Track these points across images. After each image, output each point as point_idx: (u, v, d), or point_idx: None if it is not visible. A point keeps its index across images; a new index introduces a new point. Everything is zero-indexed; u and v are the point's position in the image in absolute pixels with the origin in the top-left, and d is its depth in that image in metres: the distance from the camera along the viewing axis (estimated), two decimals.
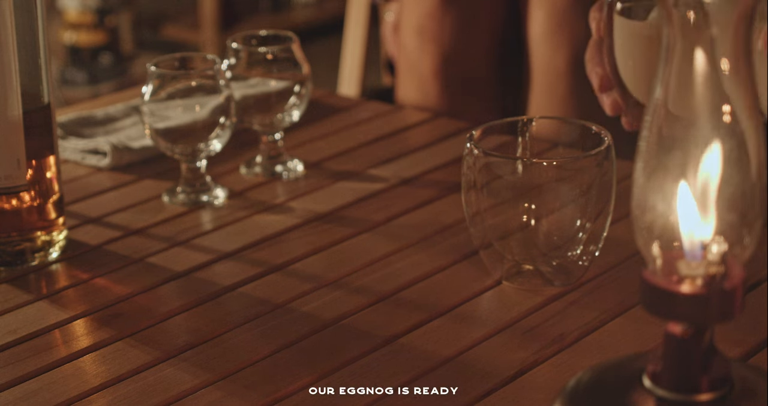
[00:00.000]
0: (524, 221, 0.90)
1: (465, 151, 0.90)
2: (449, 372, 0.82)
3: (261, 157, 1.18)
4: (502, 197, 0.90)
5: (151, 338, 0.88)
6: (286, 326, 0.89)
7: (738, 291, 0.64)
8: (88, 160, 1.20)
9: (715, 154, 0.64)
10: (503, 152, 0.91)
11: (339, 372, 0.83)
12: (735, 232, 0.65)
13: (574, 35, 1.37)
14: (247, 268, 0.98)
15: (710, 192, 0.64)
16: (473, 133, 0.91)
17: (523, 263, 0.93)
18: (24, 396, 0.81)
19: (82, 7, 3.40)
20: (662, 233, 0.65)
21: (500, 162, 0.89)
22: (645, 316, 0.85)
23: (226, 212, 1.09)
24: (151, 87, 1.07)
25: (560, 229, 0.91)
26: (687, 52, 0.63)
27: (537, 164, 0.89)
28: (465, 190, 0.91)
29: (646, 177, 0.65)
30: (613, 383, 0.70)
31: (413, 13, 1.48)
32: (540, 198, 0.89)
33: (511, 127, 0.95)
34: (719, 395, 0.67)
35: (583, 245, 0.91)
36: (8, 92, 0.94)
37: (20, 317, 0.91)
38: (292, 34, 1.17)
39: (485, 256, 0.93)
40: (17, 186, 0.97)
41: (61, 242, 1.01)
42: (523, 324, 0.88)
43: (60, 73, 3.44)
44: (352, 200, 1.11)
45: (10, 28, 0.93)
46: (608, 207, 0.91)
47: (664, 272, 0.65)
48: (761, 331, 0.86)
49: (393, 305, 0.92)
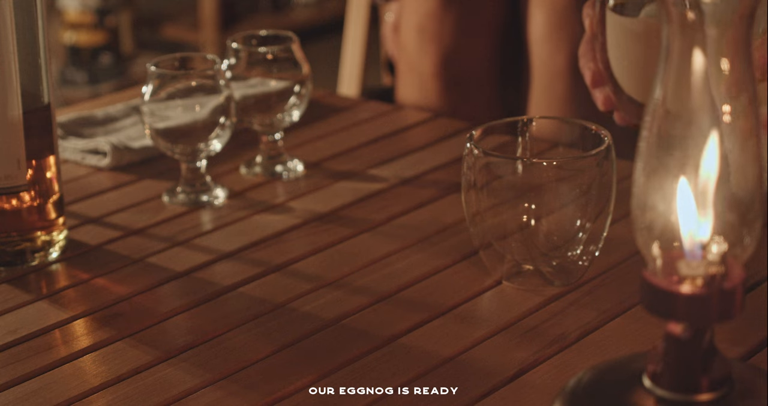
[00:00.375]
0: (524, 221, 0.90)
1: (465, 151, 0.90)
2: (449, 372, 0.82)
3: (261, 157, 1.18)
4: (502, 197, 0.90)
5: (151, 338, 0.88)
6: (286, 326, 0.89)
7: (738, 291, 0.64)
8: (88, 160, 1.20)
9: (715, 154, 0.64)
10: (503, 152, 0.91)
11: (339, 372, 0.83)
12: (735, 232, 0.65)
13: (574, 35, 1.37)
14: (247, 268, 0.98)
15: (710, 192, 0.64)
16: (473, 133, 0.91)
17: (523, 263, 0.93)
18: (24, 396, 0.81)
19: (82, 7, 3.40)
20: (662, 233, 0.65)
21: (500, 162, 0.89)
22: (645, 316, 0.85)
23: (226, 212, 1.09)
24: (151, 87, 1.07)
25: (560, 229, 0.91)
26: (686, 51, 0.63)
27: (537, 164, 0.89)
28: (465, 190, 0.91)
29: (646, 177, 0.65)
30: (613, 383, 0.70)
31: (413, 13, 1.48)
32: (540, 198, 0.89)
33: (511, 127, 0.95)
34: (719, 395, 0.67)
35: (583, 245, 0.91)
36: (8, 92, 0.94)
37: (20, 317, 0.91)
38: (292, 34, 1.17)
39: (485, 256, 0.93)
40: (17, 186, 0.97)
41: (61, 242, 1.01)
42: (523, 324, 0.88)
43: (60, 73, 3.44)
44: (352, 200, 1.11)
45: (10, 28, 0.93)
46: (608, 207, 0.91)
47: (664, 272, 0.65)
48: (761, 331, 0.86)
49: (393, 305, 0.92)
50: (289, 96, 1.15)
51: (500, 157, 0.89)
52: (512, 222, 0.91)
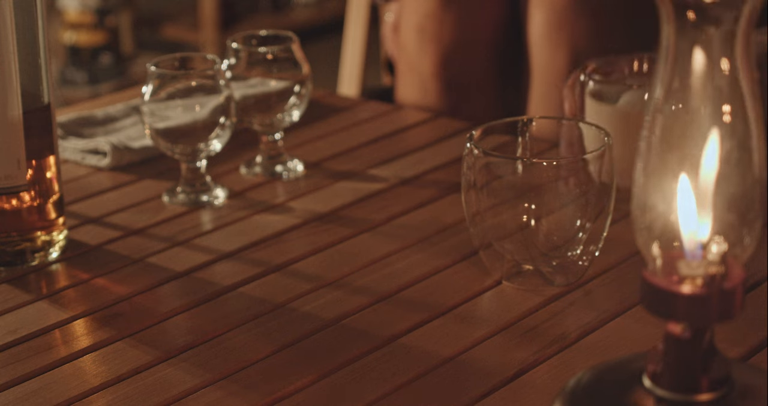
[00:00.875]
0: (524, 221, 0.90)
1: (465, 151, 0.90)
2: (449, 372, 0.82)
3: (261, 157, 1.18)
4: (502, 197, 0.90)
5: (151, 338, 0.88)
6: (286, 326, 0.89)
7: (738, 291, 0.64)
8: (88, 160, 1.20)
9: (715, 154, 0.64)
10: (503, 152, 0.91)
11: (339, 372, 0.83)
12: (735, 232, 0.65)
13: (574, 35, 1.37)
14: (247, 268, 0.98)
15: (710, 192, 0.64)
16: (473, 133, 0.91)
17: (523, 263, 0.93)
18: (24, 396, 0.81)
19: (82, 7, 3.40)
20: (662, 233, 0.65)
21: (500, 162, 0.90)
22: (645, 316, 0.85)
23: (226, 212, 1.09)
24: (151, 87, 1.07)
25: (560, 229, 0.91)
26: (687, 52, 0.63)
27: (537, 164, 0.89)
28: (465, 190, 0.91)
29: (646, 177, 0.65)
30: (613, 383, 0.70)
31: (413, 13, 1.48)
32: (540, 198, 0.89)
33: (511, 127, 0.95)
34: (719, 395, 0.67)
35: (583, 244, 0.91)
36: (8, 92, 0.94)
37: (20, 317, 0.91)
38: (292, 34, 1.17)
39: (485, 256, 0.93)
40: (17, 186, 0.97)
41: (61, 242, 1.01)
42: (523, 324, 0.88)
43: (60, 73, 3.44)
44: (352, 200, 1.11)
45: (10, 28, 0.93)
46: (608, 207, 0.91)
47: (664, 272, 0.65)
48: (761, 331, 0.86)
49: (393, 305, 0.92)
50: (289, 96, 1.15)
51: (500, 157, 0.89)
52: (512, 222, 0.91)
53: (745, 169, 0.64)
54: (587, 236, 0.91)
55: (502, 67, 1.50)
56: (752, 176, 0.64)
